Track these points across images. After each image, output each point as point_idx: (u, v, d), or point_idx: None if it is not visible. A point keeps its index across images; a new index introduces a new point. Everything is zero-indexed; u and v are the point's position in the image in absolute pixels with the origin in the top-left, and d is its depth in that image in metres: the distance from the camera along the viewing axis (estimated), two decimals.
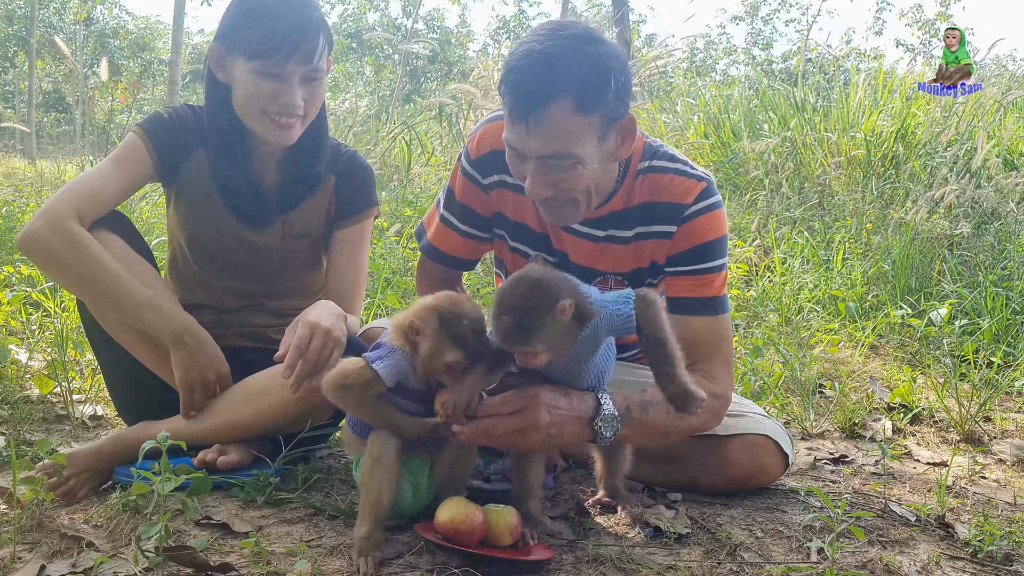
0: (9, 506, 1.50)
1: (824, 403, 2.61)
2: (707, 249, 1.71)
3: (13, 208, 4.77)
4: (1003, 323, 3.27)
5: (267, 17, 1.71)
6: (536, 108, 1.50)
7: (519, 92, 1.52)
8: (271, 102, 1.75)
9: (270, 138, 1.81)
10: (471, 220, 1.87)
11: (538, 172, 1.58)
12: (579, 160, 1.55)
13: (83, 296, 1.80)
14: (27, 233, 1.72)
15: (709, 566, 1.43)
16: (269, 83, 1.74)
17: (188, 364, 1.72)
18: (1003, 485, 2.01)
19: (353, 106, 9.05)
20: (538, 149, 1.55)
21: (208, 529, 1.50)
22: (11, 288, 3.09)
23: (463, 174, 1.85)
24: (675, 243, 1.72)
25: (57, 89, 18.17)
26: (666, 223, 1.71)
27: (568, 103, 1.50)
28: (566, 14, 11.35)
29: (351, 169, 1.97)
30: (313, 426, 1.73)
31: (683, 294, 1.72)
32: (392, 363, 1.42)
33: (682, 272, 1.72)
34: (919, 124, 5.45)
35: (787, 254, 4.44)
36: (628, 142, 1.62)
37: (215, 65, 1.81)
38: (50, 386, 2.33)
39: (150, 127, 1.85)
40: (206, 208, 1.90)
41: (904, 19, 23.45)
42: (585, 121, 1.52)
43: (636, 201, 1.73)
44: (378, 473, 1.40)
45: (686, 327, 1.67)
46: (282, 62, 1.72)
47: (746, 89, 7.93)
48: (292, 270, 1.98)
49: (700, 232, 1.70)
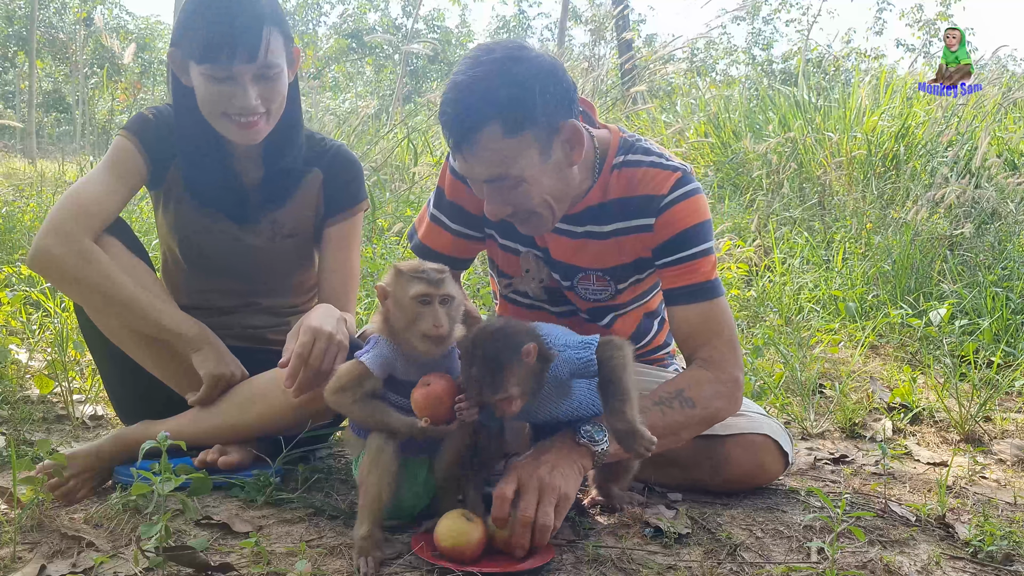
0: (9, 506, 1.50)
1: (824, 403, 2.61)
2: (689, 236, 1.72)
3: (13, 208, 4.77)
4: (1003, 323, 3.27)
5: (207, 19, 1.67)
6: (467, 139, 1.56)
7: (450, 126, 1.57)
8: (227, 104, 1.73)
9: (235, 138, 1.80)
10: (461, 219, 1.88)
11: (490, 193, 1.64)
12: (522, 179, 1.59)
13: (96, 309, 1.79)
14: (39, 251, 1.70)
15: (709, 566, 1.43)
16: (220, 86, 1.71)
17: (217, 360, 1.74)
18: (1003, 485, 2.01)
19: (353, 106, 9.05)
20: (480, 175, 1.61)
21: (208, 529, 1.50)
22: (11, 288, 3.09)
23: (451, 172, 1.85)
24: (656, 235, 1.74)
25: (57, 89, 18.17)
26: (643, 216, 1.73)
27: (496, 128, 1.54)
28: (566, 14, 11.35)
29: (338, 164, 1.95)
30: (313, 426, 1.73)
31: (674, 284, 1.74)
32: (378, 352, 1.44)
33: (669, 263, 1.74)
34: (920, 124, 5.44)
35: (787, 254, 4.44)
36: (578, 147, 1.63)
37: (177, 69, 1.79)
38: (50, 386, 2.33)
39: (138, 129, 1.83)
40: (195, 209, 1.89)
41: (904, 19, 23.46)
42: (517, 142, 1.55)
43: (611, 196, 1.75)
44: (377, 472, 1.40)
45: (682, 317, 1.73)
46: (227, 64, 1.68)
47: (746, 89, 7.92)
48: (284, 269, 1.98)
49: (679, 220, 1.72)
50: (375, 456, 1.42)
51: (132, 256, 1.79)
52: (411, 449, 1.48)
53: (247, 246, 1.92)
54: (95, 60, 14.96)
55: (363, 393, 1.44)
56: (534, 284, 1.92)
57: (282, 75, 1.78)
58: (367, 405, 1.44)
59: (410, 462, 1.49)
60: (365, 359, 1.44)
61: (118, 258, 1.75)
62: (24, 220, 4.50)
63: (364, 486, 1.41)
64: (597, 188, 1.75)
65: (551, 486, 1.41)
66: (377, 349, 1.45)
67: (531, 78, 1.55)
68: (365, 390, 1.44)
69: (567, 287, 1.87)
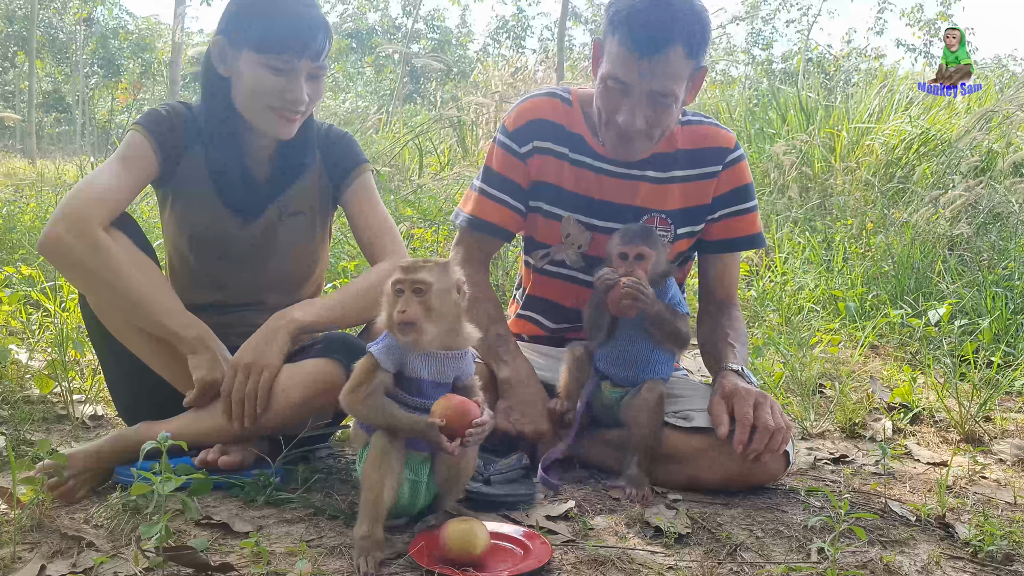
0: (9, 506, 1.50)
1: (824, 403, 2.61)
2: (750, 189, 2.05)
3: (13, 208, 4.77)
4: (1003, 323, 3.27)
5: (278, 13, 1.74)
6: (659, 49, 1.75)
7: (645, 32, 1.75)
8: (278, 97, 1.77)
9: (272, 132, 1.82)
10: (510, 190, 2.03)
11: (640, 105, 1.82)
12: (676, 99, 1.82)
13: (101, 300, 1.79)
14: (49, 237, 1.70)
15: (709, 566, 1.43)
16: (278, 77, 1.76)
17: (210, 366, 1.73)
18: (1003, 485, 2.01)
19: (354, 105, 9.05)
20: (651, 85, 1.79)
21: (208, 529, 1.50)
22: (11, 288, 3.09)
23: (500, 146, 2.03)
24: (720, 184, 2.01)
25: (57, 89, 18.18)
26: (712, 165, 2.00)
27: (681, 49, 1.76)
28: (566, 14, 11.36)
29: (331, 139, 2.00)
30: (313, 426, 1.73)
31: (738, 234, 2.06)
32: (387, 343, 1.44)
33: (733, 213, 2.03)
34: (940, 129, 5.41)
35: (788, 254, 4.44)
36: (696, 90, 1.90)
37: (217, 59, 1.82)
38: (50, 386, 2.32)
39: (151, 124, 1.85)
40: (205, 204, 1.90)
41: (905, 19, 23.46)
42: (688, 66, 1.80)
43: (679, 147, 2.00)
44: (380, 472, 1.39)
45: (731, 263, 2.12)
46: (294, 57, 1.74)
47: (746, 89, 7.92)
48: (289, 254, 1.98)
49: (743, 174, 2.03)
50: (380, 455, 1.40)
51: (139, 251, 1.79)
52: (414, 446, 1.47)
53: (254, 232, 1.93)
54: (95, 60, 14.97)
55: (374, 387, 1.43)
56: (572, 251, 2.04)
57: (324, 79, 1.87)
58: (376, 400, 1.43)
59: (412, 460, 1.48)
60: (374, 350, 1.44)
61: (127, 251, 1.75)
62: (24, 220, 4.50)
63: (366, 485, 1.40)
64: (664, 139, 1.95)
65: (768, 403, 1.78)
66: (386, 340, 1.45)
67: (707, 16, 1.83)
68: (376, 383, 1.43)
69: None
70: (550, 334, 2.18)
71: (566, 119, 2.01)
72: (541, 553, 1.39)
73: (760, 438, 1.71)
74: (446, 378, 1.49)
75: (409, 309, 1.40)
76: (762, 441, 1.70)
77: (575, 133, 2.00)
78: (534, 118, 2.01)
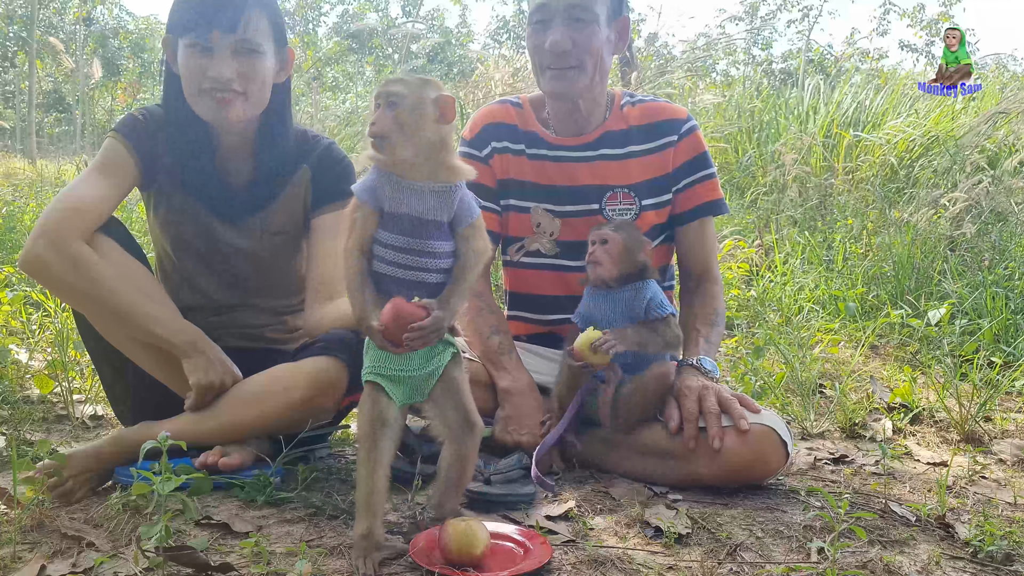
0: (9, 506, 1.50)
1: (824, 403, 2.61)
2: (707, 156, 2.14)
3: (13, 208, 4.77)
4: (1003, 323, 3.27)
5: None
6: None
7: None
8: (204, 77, 1.76)
9: (211, 116, 1.80)
10: (483, 194, 2.03)
11: (561, 27, 1.94)
12: (596, 19, 1.94)
13: (89, 313, 1.78)
14: (29, 255, 1.70)
15: (709, 566, 1.43)
16: (200, 58, 1.75)
17: (206, 368, 1.72)
18: (1003, 485, 2.01)
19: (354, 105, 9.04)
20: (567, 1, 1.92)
21: (208, 529, 1.50)
22: (11, 288, 3.09)
23: (463, 156, 2.05)
24: (679, 153, 2.10)
25: (57, 89, 18.17)
26: (669, 135, 2.10)
27: None
28: None
29: (327, 162, 1.94)
30: (313, 426, 1.73)
31: (702, 200, 2.12)
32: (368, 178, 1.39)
33: (695, 181, 2.11)
34: (949, 130, 5.40)
35: (788, 254, 4.44)
36: (623, 40, 2.07)
37: (170, 56, 1.84)
38: (50, 386, 2.33)
39: (128, 131, 1.83)
40: (186, 207, 1.89)
41: (906, 19, 23.43)
42: None
43: (632, 124, 2.11)
44: (368, 467, 1.36)
45: (701, 232, 2.14)
46: (206, 31, 1.73)
47: (746, 89, 7.91)
48: (276, 268, 1.97)
49: (699, 143, 2.13)
50: (368, 450, 1.37)
51: (127, 256, 1.77)
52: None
53: (235, 245, 1.91)
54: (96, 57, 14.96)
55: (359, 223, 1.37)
56: (545, 239, 2.12)
57: (264, 58, 1.80)
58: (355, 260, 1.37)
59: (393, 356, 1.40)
60: (355, 187, 1.40)
61: (112, 258, 1.73)
62: (24, 220, 4.50)
63: (358, 483, 1.38)
64: (615, 118, 2.11)
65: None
66: (368, 175, 1.40)
67: None
68: (359, 218, 1.37)
69: (596, 211, 2.09)
70: (544, 330, 2.20)
71: (519, 120, 2.15)
72: (541, 553, 1.39)
73: (710, 424, 1.76)
74: (436, 215, 1.39)
75: (380, 122, 1.35)
76: (713, 426, 1.75)
77: (529, 131, 2.14)
78: (488, 123, 2.15)
